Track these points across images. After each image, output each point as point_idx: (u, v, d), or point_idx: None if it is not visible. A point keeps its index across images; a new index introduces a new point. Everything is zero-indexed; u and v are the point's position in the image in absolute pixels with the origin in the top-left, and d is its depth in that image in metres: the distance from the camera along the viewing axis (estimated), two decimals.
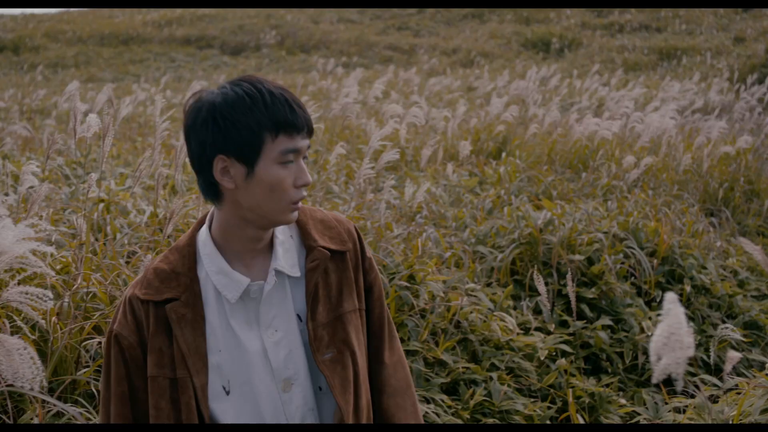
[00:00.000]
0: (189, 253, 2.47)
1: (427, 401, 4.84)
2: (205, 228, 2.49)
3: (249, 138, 2.27)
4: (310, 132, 2.36)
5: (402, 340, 5.24)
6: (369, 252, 2.67)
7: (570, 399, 3.85)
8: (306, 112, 2.35)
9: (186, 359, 2.38)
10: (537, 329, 5.93)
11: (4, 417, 3.29)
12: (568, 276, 5.64)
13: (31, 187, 5.37)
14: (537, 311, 6.27)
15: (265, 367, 2.44)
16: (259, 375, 2.44)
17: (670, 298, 2.01)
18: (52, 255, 3.68)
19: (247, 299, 2.43)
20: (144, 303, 2.41)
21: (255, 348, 2.42)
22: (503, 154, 11.18)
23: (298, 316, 2.48)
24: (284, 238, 2.51)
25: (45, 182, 5.48)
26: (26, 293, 3.32)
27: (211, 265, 2.43)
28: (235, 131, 2.27)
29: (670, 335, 2.02)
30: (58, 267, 4.75)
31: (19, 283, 3.52)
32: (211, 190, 2.38)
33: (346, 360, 2.50)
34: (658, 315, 5.68)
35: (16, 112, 19.04)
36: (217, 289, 2.42)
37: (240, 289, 2.40)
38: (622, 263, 6.97)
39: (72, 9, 52.50)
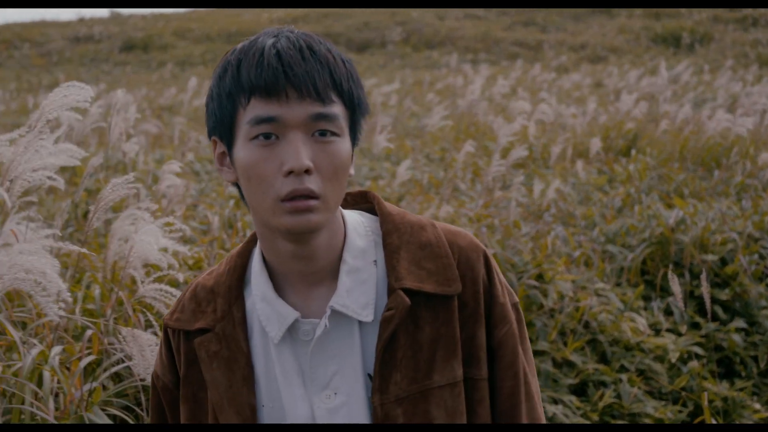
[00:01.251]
0: (236, 267, 1.88)
1: (555, 402, 4.80)
2: None
3: (218, 109, 1.72)
4: (319, 94, 1.64)
5: (530, 340, 5.20)
6: (500, 293, 1.86)
7: (704, 403, 3.76)
8: (312, 65, 1.65)
9: (218, 414, 1.81)
10: (668, 331, 5.83)
11: (138, 410, 3.35)
12: (702, 276, 5.51)
13: (170, 186, 5.47)
14: (668, 312, 6.16)
15: None
16: None
17: None
18: (186, 251, 3.73)
19: (296, 342, 1.79)
20: (175, 333, 1.89)
21: (300, 414, 1.78)
22: (633, 152, 11.01)
23: (370, 378, 1.78)
24: (360, 264, 1.81)
25: (182, 181, 5.59)
26: (160, 290, 3.39)
27: (257, 287, 1.83)
28: (210, 103, 1.75)
29: None
30: (191, 263, 4.84)
31: (153, 281, 3.58)
32: (236, 187, 1.83)
33: None
34: None
35: (146, 109, 19.48)
36: (261, 322, 1.81)
37: (283, 325, 1.77)
38: (757, 264, 6.79)
39: (200, 8, 53.52)
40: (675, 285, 4.89)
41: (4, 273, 2.02)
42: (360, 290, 1.78)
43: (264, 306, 1.79)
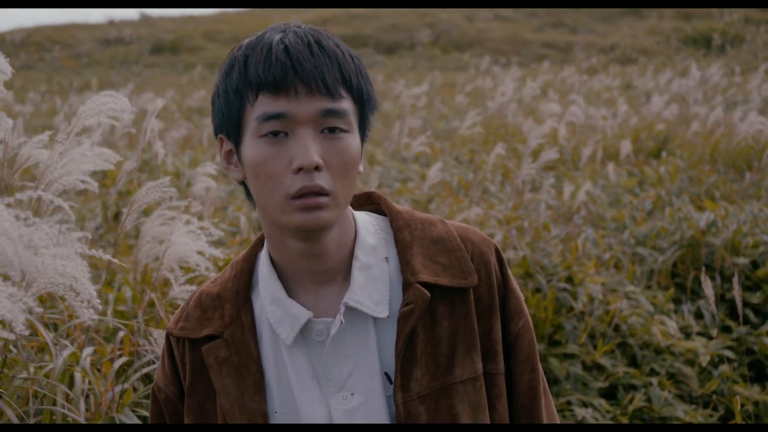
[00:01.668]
0: (243, 272, 1.84)
1: (585, 405, 4.78)
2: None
3: (225, 106, 1.68)
4: (329, 89, 1.61)
5: (559, 343, 5.19)
6: (515, 287, 1.85)
7: (737, 407, 3.73)
8: (320, 59, 1.62)
9: (228, 422, 1.77)
10: (698, 334, 5.79)
11: None
12: (734, 279, 5.46)
13: (204, 189, 5.49)
14: (698, 315, 6.12)
15: None
16: None
17: None
18: (218, 254, 3.75)
19: (309, 343, 1.75)
20: (180, 341, 1.84)
21: (317, 418, 1.74)
22: (663, 154, 10.97)
23: (387, 376, 1.75)
24: (371, 261, 1.78)
25: (215, 184, 5.61)
26: (191, 291, 3.41)
27: (266, 290, 1.79)
28: (217, 100, 1.72)
29: None
30: (221, 264, 4.85)
31: (185, 282, 3.61)
32: (243, 186, 1.80)
33: None
34: None
35: (176, 111, 19.57)
36: (272, 325, 1.77)
37: (296, 327, 1.73)
38: None
39: (229, 9, 53.73)
40: (708, 287, 4.84)
41: (38, 276, 2.03)
42: (373, 287, 1.75)
43: (274, 308, 1.75)
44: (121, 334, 3.48)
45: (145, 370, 3.40)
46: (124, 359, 3.38)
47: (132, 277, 4.29)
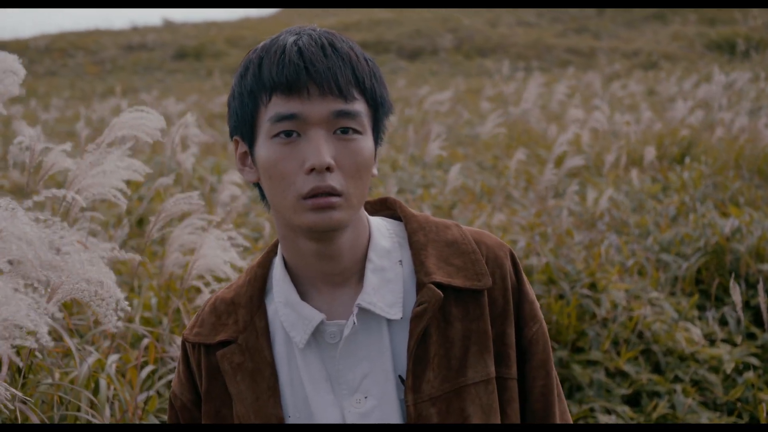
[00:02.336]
0: (257, 277, 1.85)
1: (608, 412, 4.77)
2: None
3: (240, 108, 1.70)
4: (341, 90, 1.62)
5: (582, 350, 5.18)
6: (530, 292, 1.85)
7: (762, 414, 3.72)
8: (334, 61, 1.63)
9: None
10: (723, 341, 5.76)
11: None
12: (760, 286, 5.44)
13: (231, 197, 5.51)
14: (723, 322, 6.09)
15: None
16: None
17: None
18: (245, 264, 3.76)
19: (323, 346, 1.75)
20: (195, 347, 1.85)
21: (330, 421, 1.74)
22: (687, 159, 10.93)
23: (401, 379, 1.74)
24: (385, 263, 1.79)
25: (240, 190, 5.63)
26: None
27: (279, 293, 1.80)
28: (232, 102, 1.74)
29: None
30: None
31: (213, 291, 3.62)
32: (257, 188, 1.81)
33: None
34: None
35: (198, 117, 19.65)
36: (285, 328, 1.78)
37: (309, 329, 1.73)
38: None
39: (252, 15, 53.91)
40: (736, 294, 4.82)
41: (62, 280, 2.05)
42: (387, 288, 1.75)
43: (288, 311, 1.76)
44: (146, 341, 3.49)
45: (170, 377, 3.42)
46: (150, 367, 3.39)
47: (156, 284, 4.31)
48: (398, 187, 8.96)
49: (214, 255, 3.47)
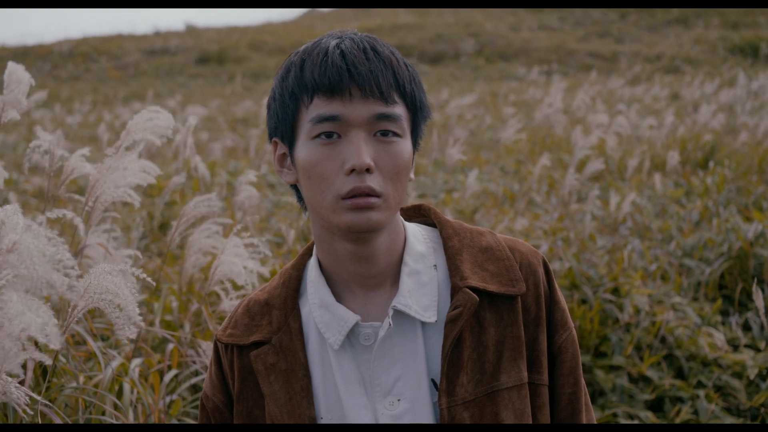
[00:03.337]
0: (291, 279, 1.86)
1: (631, 418, 4.75)
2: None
3: (281, 109, 1.71)
4: (383, 93, 1.64)
5: (605, 355, 5.17)
6: (561, 300, 1.86)
7: None
8: (375, 64, 1.65)
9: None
10: (746, 346, 5.73)
11: None
12: None
13: (247, 197, 5.52)
14: (746, 328, 6.06)
15: None
16: None
17: None
18: (265, 271, 3.76)
19: (357, 348, 1.76)
20: (228, 348, 1.86)
21: (363, 422, 1.75)
22: (710, 164, 10.89)
23: (433, 383, 1.74)
24: (420, 267, 1.79)
25: (258, 193, 5.63)
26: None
27: (314, 295, 1.80)
28: (273, 104, 1.75)
29: None
30: (267, 275, 4.87)
31: (236, 297, 3.63)
32: (294, 189, 1.84)
33: None
34: None
35: (222, 121, 19.69)
36: (320, 329, 1.78)
37: (344, 330, 1.73)
38: None
39: (273, 20, 54.00)
40: (759, 299, 4.79)
41: (85, 291, 2.06)
42: (421, 292, 1.75)
43: (323, 313, 1.77)
44: (170, 346, 3.50)
45: (192, 381, 3.42)
46: (173, 372, 3.40)
47: (177, 287, 4.32)
48: (420, 192, 8.96)
49: (232, 262, 3.48)
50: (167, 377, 3.28)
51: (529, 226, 6.78)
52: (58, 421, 2.56)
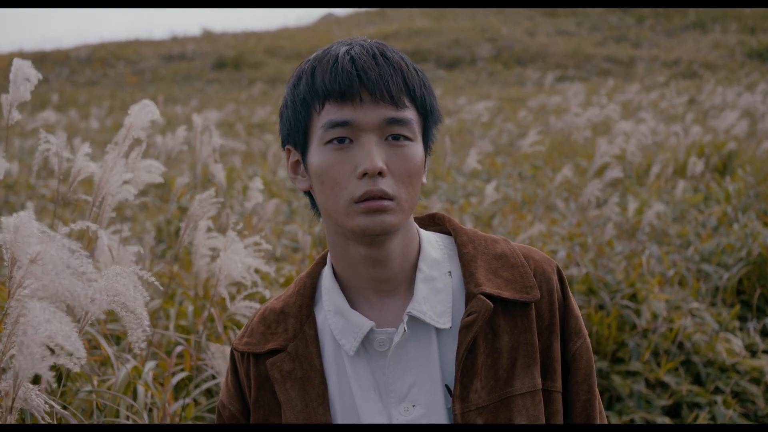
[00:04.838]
0: (306, 287, 1.87)
1: (648, 423, 4.72)
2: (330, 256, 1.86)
3: (293, 116, 1.73)
4: (393, 98, 1.65)
5: (622, 361, 5.14)
6: (575, 307, 1.86)
7: None
8: (385, 69, 1.66)
9: None
10: (764, 352, 5.70)
11: None
12: None
13: (258, 204, 5.52)
14: (764, 333, 6.02)
15: None
16: None
17: None
18: (271, 271, 3.74)
19: (372, 354, 1.76)
20: (244, 357, 1.87)
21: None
22: (732, 169, 10.84)
23: (447, 389, 1.74)
24: (435, 273, 1.80)
25: (272, 199, 5.63)
26: (250, 307, 3.44)
27: (329, 302, 1.81)
28: (285, 112, 1.77)
29: None
30: (282, 281, 4.86)
31: (244, 298, 3.63)
32: (308, 196, 1.85)
33: None
34: None
35: (239, 127, 19.73)
36: (335, 336, 1.80)
37: (359, 336, 1.74)
38: None
39: (290, 25, 54.15)
40: None
41: (99, 295, 2.05)
42: (436, 298, 1.76)
43: (337, 319, 1.78)
44: (179, 348, 3.50)
45: (206, 385, 3.42)
46: (183, 374, 3.39)
47: (193, 292, 4.32)
48: (445, 199, 8.95)
49: (232, 260, 3.46)
50: (175, 379, 3.27)
51: (547, 231, 6.76)
52: (74, 422, 2.55)
